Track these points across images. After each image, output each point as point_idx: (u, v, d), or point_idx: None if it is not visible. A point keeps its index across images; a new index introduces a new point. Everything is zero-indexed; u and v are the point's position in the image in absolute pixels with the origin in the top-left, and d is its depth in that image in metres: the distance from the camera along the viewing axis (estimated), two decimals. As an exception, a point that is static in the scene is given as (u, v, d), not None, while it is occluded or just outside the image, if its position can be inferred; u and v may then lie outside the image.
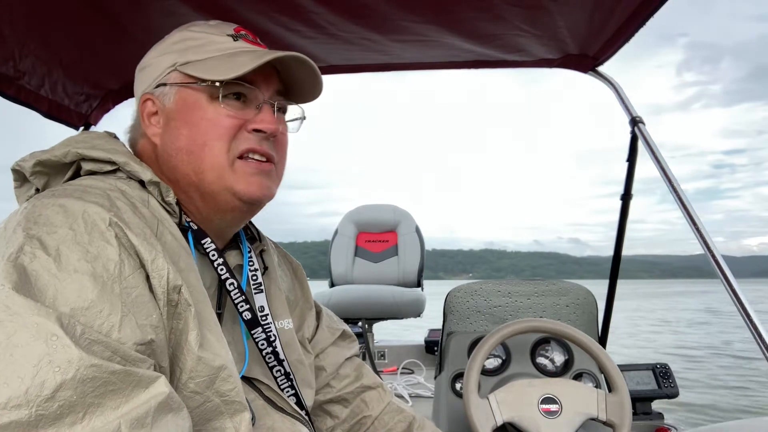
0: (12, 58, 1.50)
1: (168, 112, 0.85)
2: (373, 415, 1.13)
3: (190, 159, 0.82)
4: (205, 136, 0.81)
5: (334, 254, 3.83)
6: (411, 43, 1.71)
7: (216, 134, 0.81)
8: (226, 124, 0.82)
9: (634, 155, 1.87)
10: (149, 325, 0.63)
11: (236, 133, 0.83)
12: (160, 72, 0.86)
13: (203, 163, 0.81)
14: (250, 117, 0.84)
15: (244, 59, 0.82)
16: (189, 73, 0.83)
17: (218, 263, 0.83)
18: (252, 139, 0.84)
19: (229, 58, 0.83)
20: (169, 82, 0.85)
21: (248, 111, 0.85)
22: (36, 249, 0.60)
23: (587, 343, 1.38)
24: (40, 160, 0.78)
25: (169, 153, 0.84)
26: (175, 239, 0.75)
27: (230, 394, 0.70)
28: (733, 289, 1.29)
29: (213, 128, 0.82)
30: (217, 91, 0.82)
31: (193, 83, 0.83)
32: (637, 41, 1.71)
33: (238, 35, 0.88)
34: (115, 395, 0.54)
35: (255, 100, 0.85)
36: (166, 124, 0.85)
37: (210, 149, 0.81)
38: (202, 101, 0.83)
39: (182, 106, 0.84)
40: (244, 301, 0.85)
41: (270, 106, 0.86)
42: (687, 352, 10.99)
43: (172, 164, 0.83)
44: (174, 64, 0.85)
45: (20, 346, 0.52)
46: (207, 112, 0.82)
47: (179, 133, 0.83)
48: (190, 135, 0.82)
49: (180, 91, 0.84)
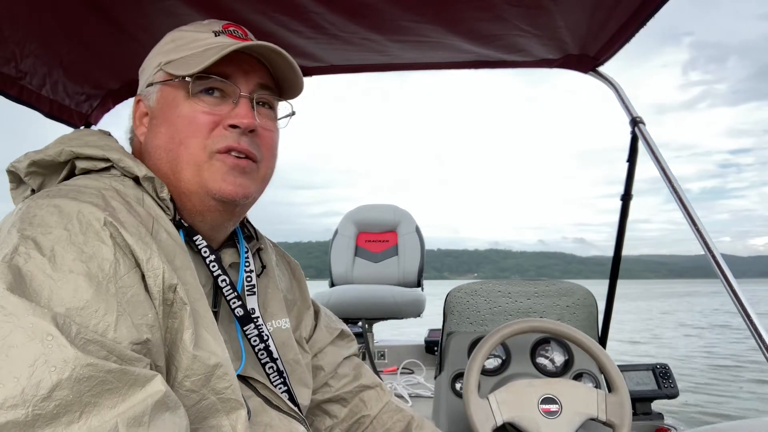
0: (13, 58, 1.51)
1: (152, 111, 0.85)
2: (372, 414, 1.13)
3: (168, 157, 0.81)
4: (181, 133, 0.80)
5: (334, 254, 3.83)
6: (411, 43, 1.71)
7: (191, 131, 0.80)
8: (201, 121, 0.80)
9: (635, 155, 1.87)
10: (145, 325, 0.63)
11: (212, 129, 0.81)
12: (150, 72, 0.87)
13: (180, 161, 0.80)
14: (226, 112, 0.82)
15: (210, 53, 0.80)
16: (168, 70, 0.83)
17: (210, 260, 0.83)
18: (229, 136, 0.81)
19: (201, 53, 0.82)
20: (154, 81, 0.85)
21: (224, 106, 0.83)
22: (31, 250, 0.60)
23: (587, 343, 1.38)
24: (34, 160, 0.78)
25: (149, 152, 0.84)
26: (171, 237, 0.75)
27: (226, 392, 0.70)
28: (733, 289, 1.29)
29: (188, 125, 0.80)
30: (192, 87, 0.81)
31: (170, 80, 0.83)
32: (642, 40, 1.71)
33: (223, 31, 0.87)
34: (111, 394, 0.54)
35: (232, 94, 0.83)
36: (150, 123, 0.85)
37: (186, 147, 0.80)
38: (179, 98, 0.82)
39: (163, 104, 0.84)
40: (237, 297, 0.85)
41: (247, 100, 0.84)
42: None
43: (152, 163, 0.83)
44: (159, 63, 0.85)
45: (16, 347, 0.52)
46: (183, 108, 0.81)
47: (158, 132, 0.83)
48: (168, 133, 0.82)
49: (161, 89, 0.84)
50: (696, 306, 29.35)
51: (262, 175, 0.88)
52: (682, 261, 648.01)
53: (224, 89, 0.83)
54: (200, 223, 0.85)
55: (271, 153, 0.89)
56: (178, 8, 1.42)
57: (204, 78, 0.81)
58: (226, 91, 0.83)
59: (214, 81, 0.82)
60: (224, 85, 0.83)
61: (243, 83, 0.84)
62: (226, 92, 0.83)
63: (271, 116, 0.89)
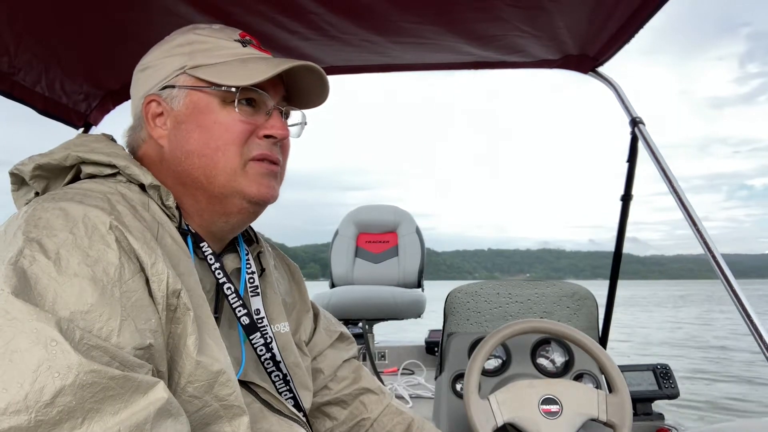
0: (7, 53, 1.50)
1: (176, 114, 0.84)
2: (372, 417, 1.13)
3: (202, 162, 0.82)
4: (218, 140, 0.82)
5: (335, 255, 3.83)
6: (411, 44, 1.71)
7: (229, 139, 0.82)
8: (239, 129, 0.82)
9: (635, 156, 1.88)
10: (148, 330, 0.63)
11: (248, 137, 0.83)
12: (167, 74, 0.86)
13: (216, 166, 0.82)
14: (261, 123, 0.85)
15: (260, 66, 0.83)
16: (200, 76, 0.83)
17: (216, 267, 0.83)
18: (263, 145, 0.85)
19: (243, 64, 0.84)
20: (178, 85, 0.84)
21: (258, 117, 0.86)
22: (36, 252, 0.60)
23: (588, 343, 1.38)
24: (40, 164, 0.78)
25: (178, 156, 0.83)
26: (176, 243, 0.75)
27: (229, 399, 0.70)
28: (733, 289, 1.29)
29: (226, 133, 0.82)
30: (232, 96, 0.82)
31: (205, 87, 0.83)
32: (696, 32, 1.67)
33: (246, 41, 0.89)
34: (114, 401, 0.54)
35: (265, 105, 0.86)
36: (175, 127, 0.84)
37: (223, 153, 0.82)
38: (214, 105, 0.83)
39: (193, 110, 0.83)
40: (242, 305, 0.85)
41: (279, 112, 0.87)
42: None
43: (182, 168, 0.83)
44: (183, 66, 0.84)
45: (19, 352, 0.52)
46: (219, 116, 0.82)
47: (189, 137, 0.83)
48: (202, 138, 0.82)
49: (190, 94, 0.84)
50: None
51: (281, 179, 0.91)
52: (746, 260, 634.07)
53: (258, 100, 0.86)
54: (224, 224, 0.87)
55: (287, 158, 0.93)
56: (179, 7, 1.42)
57: (245, 89, 0.83)
58: (260, 102, 0.86)
59: (255, 93, 0.84)
60: (261, 96, 0.85)
61: (273, 95, 0.87)
62: (259, 102, 0.86)
63: (288, 125, 0.93)
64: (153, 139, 0.86)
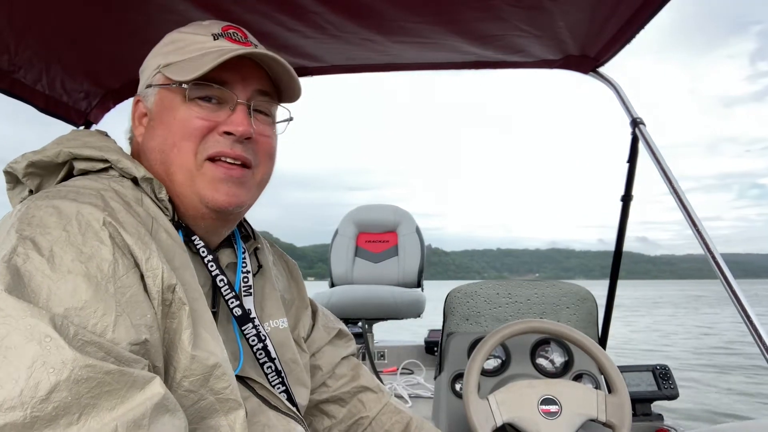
0: (8, 51, 1.50)
1: (150, 113, 0.86)
2: (371, 415, 1.12)
3: (162, 158, 0.82)
4: (175, 135, 0.81)
5: (335, 254, 3.83)
6: (411, 43, 1.71)
7: (185, 134, 0.81)
8: (195, 125, 0.81)
9: (635, 156, 1.87)
10: (144, 325, 0.63)
11: (206, 134, 0.81)
12: (149, 74, 0.87)
13: (174, 163, 0.81)
14: (223, 119, 0.82)
15: (207, 59, 0.80)
16: (166, 74, 0.83)
17: (208, 260, 0.83)
18: (223, 142, 0.82)
19: (199, 59, 0.82)
20: (153, 84, 0.86)
21: (221, 113, 0.83)
22: (29, 250, 0.60)
23: (587, 344, 1.38)
24: (32, 161, 0.78)
25: (146, 153, 0.85)
26: (170, 237, 0.75)
27: (225, 392, 0.70)
28: (732, 289, 1.29)
29: (182, 129, 0.81)
30: (188, 92, 0.81)
31: (170, 85, 0.83)
32: (706, 30, 1.66)
33: (222, 34, 0.86)
34: (110, 396, 0.54)
35: (229, 101, 0.84)
36: (148, 125, 0.86)
37: (179, 150, 0.81)
38: (176, 102, 0.82)
39: (160, 107, 0.84)
40: (235, 297, 0.85)
41: (245, 107, 0.84)
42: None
43: (148, 164, 0.84)
44: (158, 66, 0.85)
45: (14, 348, 0.51)
46: (179, 112, 0.82)
47: (155, 134, 0.84)
48: (163, 135, 0.82)
49: (159, 92, 0.85)
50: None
51: (258, 181, 0.88)
52: (757, 260, 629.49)
53: (221, 96, 0.83)
54: (194, 226, 0.85)
55: (268, 158, 0.89)
56: (179, 5, 1.41)
57: (201, 84, 0.81)
58: (224, 98, 0.83)
59: (212, 88, 0.82)
60: (221, 92, 0.83)
61: (241, 90, 0.84)
62: (224, 99, 0.83)
63: (268, 122, 0.90)
64: (136, 138, 0.88)
